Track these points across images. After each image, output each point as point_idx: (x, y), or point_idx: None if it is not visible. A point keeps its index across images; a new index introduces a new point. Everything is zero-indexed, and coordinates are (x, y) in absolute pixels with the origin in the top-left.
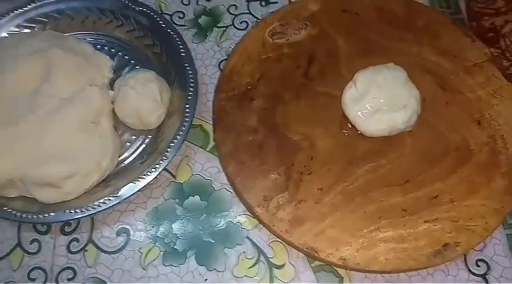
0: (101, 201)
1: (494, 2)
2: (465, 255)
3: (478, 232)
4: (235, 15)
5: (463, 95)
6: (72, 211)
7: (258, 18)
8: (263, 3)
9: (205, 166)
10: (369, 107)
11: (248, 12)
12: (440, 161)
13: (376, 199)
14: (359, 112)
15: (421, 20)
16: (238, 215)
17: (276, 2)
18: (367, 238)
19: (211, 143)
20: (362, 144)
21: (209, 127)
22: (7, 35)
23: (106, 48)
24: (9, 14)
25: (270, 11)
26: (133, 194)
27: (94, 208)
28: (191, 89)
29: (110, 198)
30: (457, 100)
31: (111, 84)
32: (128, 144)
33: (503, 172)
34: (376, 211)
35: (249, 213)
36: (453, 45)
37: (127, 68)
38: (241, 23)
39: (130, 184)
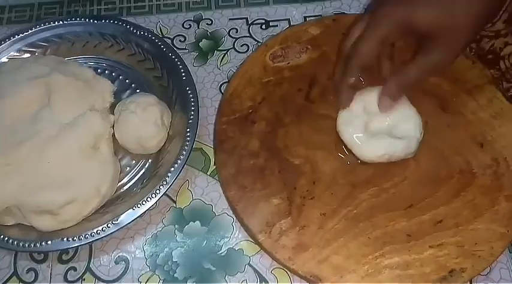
0: (100, 228)
1: (494, 25)
2: (471, 280)
3: (483, 257)
4: (236, 38)
5: (465, 117)
6: (70, 239)
7: (258, 42)
8: (263, 27)
9: (206, 190)
10: (363, 132)
11: (249, 35)
12: (444, 184)
13: (380, 225)
14: (354, 136)
15: None
16: (240, 242)
17: (276, 26)
18: (372, 265)
19: (212, 167)
20: (365, 167)
21: (210, 151)
22: (7, 60)
23: (107, 72)
24: (9, 39)
25: (271, 34)
26: (132, 220)
27: (93, 236)
28: (192, 113)
29: (109, 225)
30: (459, 123)
31: (112, 108)
32: (128, 168)
33: (507, 195)
34: (381, 237)
35: (250, 239)
36: (454, 67)
37: (128, 92)
38: (242, 46)
39: (130, 210)
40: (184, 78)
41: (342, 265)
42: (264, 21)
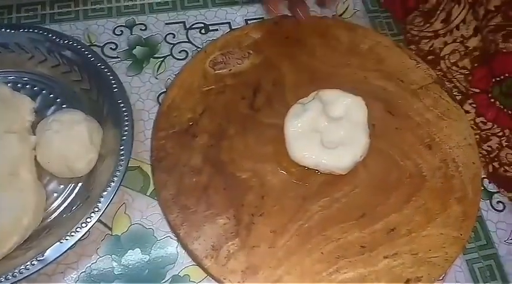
0: (23, 266)
1: (432, 25)
2: None
3: (438, 263)
4: (174, 44)
5: (412, 119)
6: None
7: (198, 47)
8: (203, 31)
9: (145, 213)
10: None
11: (187, 40)
12: (395, 190)
13: (333, 237)
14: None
15: (364, 44)
16: (185, 267)
17: (217, 30)
18: (326, 282)
19: (152, 186)
20: (315, 177)
21: (149, 169)
22: None
23: (28, 86)
24: None
25: (211, 38)
26: (61, 255)
27: (15, 276)
28: (126, 128)
29: (34, 262)
30: (406, 125)
31: (34, 128)
32: (55, 194)
33: (458, 197)
34: (334, 251)
35: (196, 263)
36: (398, 69)
37: (53, 108)
38: (180, 52)
39: (57, 243)
40: (115, 89)
41: None
42: (203, 25)
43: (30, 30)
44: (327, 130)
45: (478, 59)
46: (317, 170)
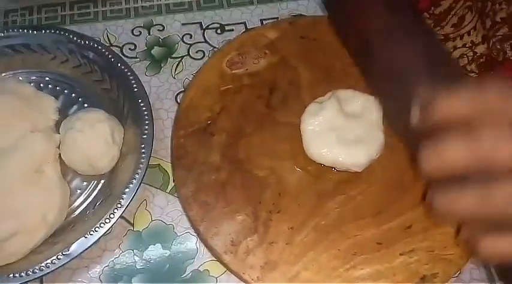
0: (49, 260)
1: (443, 28)
2: None
3: (454, 260)
4: (190, 44)
5: None
6: (17, 274)
7: (214, 47)
8: (219, 31)
9: (165, 210)
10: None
11: (204, 41)
12: (410, 188)
13: (349, 234)
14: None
15: None
16: (204, 262)
17: (232, 30)
18: (343, 278)
19: (171, 183)
20: (331, 175)
21: (168, 166)
22: None
23: (50, 86)
24: None
25: (227, 38)
26: (85, 250)
27: (42, 270)
28: (146, 127)
29: (59, 257)
30: None
31: (57, 127)
32: (78, 191)
33: None
34: (351, 247)
35: (215, 258)
36: None
37: (75, 107)
38: (197, 52)
39: (82, 238)
40: (135, 89)
41: (313, 280)
42: (219, 25)
43: (53, 31)
44: (344, 129)
45: (484, 65)
46: (333, 167)
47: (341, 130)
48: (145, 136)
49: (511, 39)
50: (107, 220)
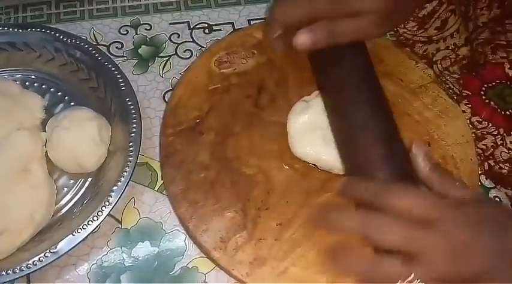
0: (37, 258)
1: (426, 31)
2: None
3: None
4: (178, 43)
5: (411, 117)
6: (4, 272)
7: (202, 47)
8: (206, 31)
9: (154, 207)
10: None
11: (191, 40)
12: None
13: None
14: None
15: None
16: (193, 259)
17: (220, 30)
18: (331, 273)
19: (160, 181)
20: (318, 174)
21: (156, 164)
22: None
23: (36, 84)
24: None
25: (215, 38)
26: (73, 247)
27: (29, 268)
28: (134, 125)
29: (47, 254)
30: (406, 123)
31: (44, 125)
32: (65, 189)
33: None
34: (338, 244)
35: (204, 255)
36: (398, 68)
37: (61, 105)
38: (184, 51)
39: (70, 236)
40: (123, 88)
41: (301, 276)
42: (206, 25)
43: (38, 29)
44: (329, 127)
45: (466, 66)
46: (317, 166)
47: (327, 129)
48: (133, 134)
49: (492, 43)
50: (95, 218)
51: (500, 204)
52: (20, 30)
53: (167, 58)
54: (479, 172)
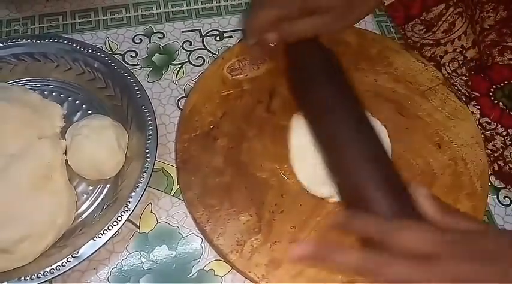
0: (59, 263)
1: (434, 34)
2: None
3: None
4: (191, 51)
5: (421, 120)
6: (28, 278)
7: (214, 54)
8: (218, 38)
9: (170, 212)
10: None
11: (203, 47)
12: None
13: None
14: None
15: (373, 48)
16: (210, 262)
17: (231, 36)
18: (345, 275)
19: (176, 186)
20: None
21: (172, 170)
22: None
23: (54, 94)
24: None
25: (226, 45)
26: (94, 252)
27: (52, 273)
28: (150, 132)
29: (69, 260)
30: (416, 125)
31: (63, 133)
32: (85, 195)
33: (467, 193)
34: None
35: (221, 258)
36: (407, 71)
37: (79, 114)
38: (197, 58)
39: (91, 241)
40: (139, 95)
41: (317, 276)
42: (217, 32)
43: (55, 40)
44: None
45: (474, 68)
46: None
47: None
48: (149, 141)
49: (499, 45)
50: (115, 223)
51: (505, 233)
52: (38, 41)
53: (180, 65)
54: (489, 173)
